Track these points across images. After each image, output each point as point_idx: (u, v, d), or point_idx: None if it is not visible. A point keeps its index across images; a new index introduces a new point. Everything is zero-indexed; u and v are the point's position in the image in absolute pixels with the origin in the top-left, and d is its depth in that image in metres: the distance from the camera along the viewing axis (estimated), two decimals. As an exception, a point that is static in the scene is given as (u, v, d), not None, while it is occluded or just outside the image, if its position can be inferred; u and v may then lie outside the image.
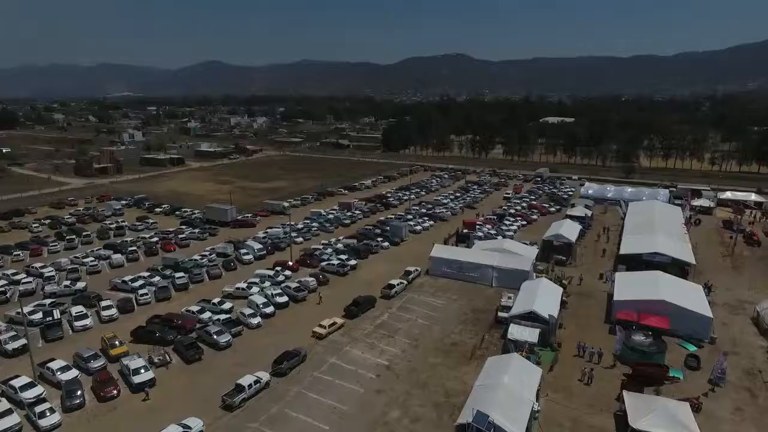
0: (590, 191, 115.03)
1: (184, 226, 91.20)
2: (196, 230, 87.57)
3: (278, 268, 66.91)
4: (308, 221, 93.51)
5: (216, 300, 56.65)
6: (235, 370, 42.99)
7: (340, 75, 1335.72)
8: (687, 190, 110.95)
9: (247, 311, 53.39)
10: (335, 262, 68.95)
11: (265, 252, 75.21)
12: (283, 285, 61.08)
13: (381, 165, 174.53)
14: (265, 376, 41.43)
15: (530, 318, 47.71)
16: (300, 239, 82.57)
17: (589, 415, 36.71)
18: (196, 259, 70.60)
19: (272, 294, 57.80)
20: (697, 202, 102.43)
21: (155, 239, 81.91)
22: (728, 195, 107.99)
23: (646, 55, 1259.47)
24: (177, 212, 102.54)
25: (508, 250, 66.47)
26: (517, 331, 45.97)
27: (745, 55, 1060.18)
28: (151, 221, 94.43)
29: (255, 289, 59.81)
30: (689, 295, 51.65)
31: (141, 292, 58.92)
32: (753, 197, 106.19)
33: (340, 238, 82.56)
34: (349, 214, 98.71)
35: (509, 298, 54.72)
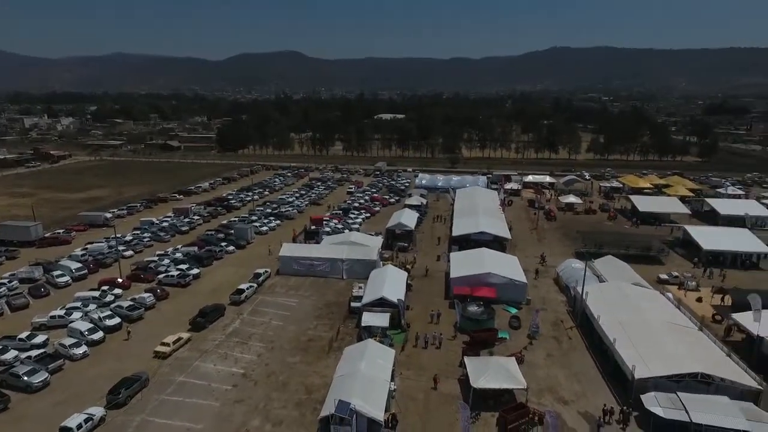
0: (423, 181, 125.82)
1: (-33, 252, 74.11)
2: (-13, 255, 71.89)
3: (105, 288, 58.89)
4: (138, 232, 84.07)
5: (24, 335, 47.50)
6: (57, 411, 36.69)
7: (164, 71, 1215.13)
8: (500, 176, 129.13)
9: (69, 341, 45.93)
10: (174, 273, 63.34)
11: (85, 271, 65.45)
12: (113, 305, 53.94)
13: (218, 166, 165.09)
14: (98, 411, 36.25)
15: (380, 304, 50.44)
16: (129, 252, 73.88)
17: (438, 384, 40.36)
18: (-11, 290, 58.09)
19: (100, 317, 50.63)
20: (508, 186, 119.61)
21: (-75, 272, 65.09)
22: (530, 178, 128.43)
23: (461, 58, 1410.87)
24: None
25: (355, 242, 68.90)
26: (370, 318, 48.28)
27: (534, 60, 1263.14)
28: None
29: (77, 314, 51.67)
30: (508, 266, 60.19)
31: None
32: (547, 179, 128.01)
33: (179, 246, 76.05)
34: (186, 220, 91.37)
35: (360, 287, 56.95)
